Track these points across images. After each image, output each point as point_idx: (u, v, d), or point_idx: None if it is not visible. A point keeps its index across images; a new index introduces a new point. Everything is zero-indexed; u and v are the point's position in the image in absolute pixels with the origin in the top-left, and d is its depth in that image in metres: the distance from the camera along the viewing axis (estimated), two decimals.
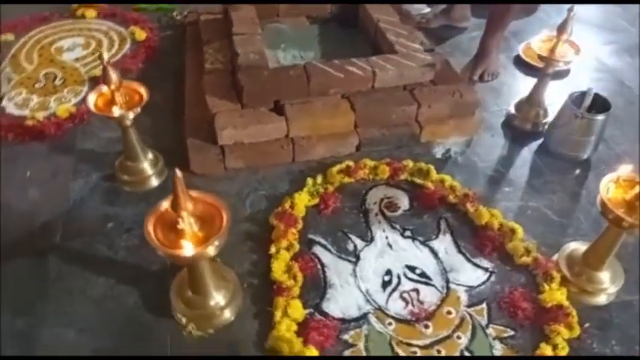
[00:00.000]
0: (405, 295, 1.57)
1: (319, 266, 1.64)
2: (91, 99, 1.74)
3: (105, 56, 1.67)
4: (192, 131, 1.98)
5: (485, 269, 1.65)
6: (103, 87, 1.71)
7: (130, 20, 2.77)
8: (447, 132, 2.10)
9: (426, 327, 1.50)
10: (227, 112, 1.94)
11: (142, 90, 1.77)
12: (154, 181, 1.91)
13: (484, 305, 1.55)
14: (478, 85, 2.41)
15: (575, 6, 1.92)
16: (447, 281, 1.61)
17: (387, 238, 1.74)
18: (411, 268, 1.65)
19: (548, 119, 2.15)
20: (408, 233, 1.75)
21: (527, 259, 1.64)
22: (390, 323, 1.51)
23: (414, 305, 1.55)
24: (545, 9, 2.96)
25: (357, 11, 2.48)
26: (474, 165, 2.02)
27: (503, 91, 2.41)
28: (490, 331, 1.49)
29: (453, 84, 2.12)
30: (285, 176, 1.96)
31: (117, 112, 1.72)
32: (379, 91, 2.06)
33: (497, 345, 1.46)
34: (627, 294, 1.59)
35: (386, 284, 1.60)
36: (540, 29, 2.36)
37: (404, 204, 1.86)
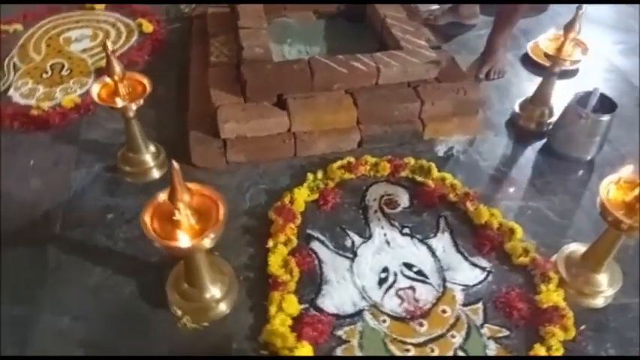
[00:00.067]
0: (400, 292, 1.57)
1: (316, 262, 1.64)
2: (95, 89, 1.75)
3: (109, 46, 1.66)
4: (195, 124, 1.99)
5: (483, 268, 1.64)
6: (107, 78, 1.72)
7: (138, 12, 2.77)
8: (450, 130, 2.08)
9: (421, 325, 1.49)
10: (230, 106, 1.95)
11: (145, 81, 1.78)
12: (156, 173, 1.92)
13: (480, 305, 1.54)
14: (484, 83, 2.39)
15: (585, 5, 1.89)
16: (444, 280, 1.61)
17: (385, 235, 1.73)
18: (408, 266, 1.64)
19: (553, 119, 2.12)
20: (406, 231, 1.75)
21: (525, 260, 1.63)
22: (384, 320, 1.50)
23: (409, 303, 1.54)
24: (557, 8, 2.92)
25: (365, 7, 2.47)
26: (475, 164, 2.01)
27: (509, 89, 2.39)
28: (485, 330, 1.48)
29: (458, 82, 2.11)
30: (286, 171, 1.95)
31: (120, 103, 1.73)
32: (383, 87, 2.05)
33: (492, 345, 1.45)
34: (625, 297, 1.57)
35: (382, 281, 1.60)
36: (550, 28, 2.33)
37: (404, 201, 1.85)
